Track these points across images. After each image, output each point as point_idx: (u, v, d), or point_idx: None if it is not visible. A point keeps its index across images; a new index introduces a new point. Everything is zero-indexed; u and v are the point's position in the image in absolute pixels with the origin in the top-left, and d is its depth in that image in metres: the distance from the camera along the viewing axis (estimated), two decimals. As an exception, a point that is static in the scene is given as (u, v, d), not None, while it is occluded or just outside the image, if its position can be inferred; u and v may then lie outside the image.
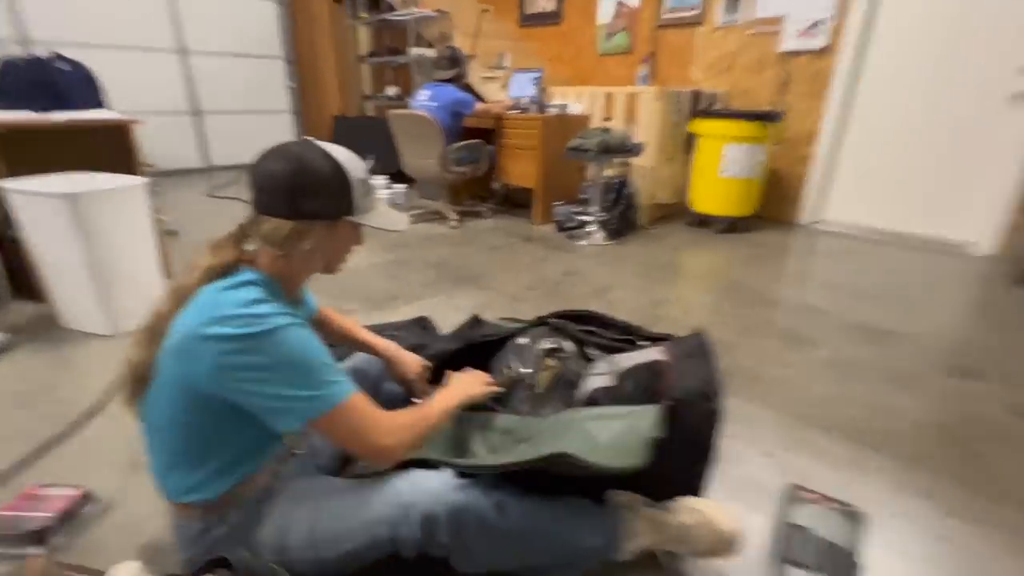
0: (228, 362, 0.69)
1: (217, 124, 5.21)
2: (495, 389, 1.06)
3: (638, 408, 0.97)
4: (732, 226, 3.35)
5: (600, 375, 1.09)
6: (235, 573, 0.64)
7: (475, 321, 1.47)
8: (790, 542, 0.90)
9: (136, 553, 0.99)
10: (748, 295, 2.32)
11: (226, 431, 0.77)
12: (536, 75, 3.48)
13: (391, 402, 1.21)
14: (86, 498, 1.06)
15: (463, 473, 0.85)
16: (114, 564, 0.90)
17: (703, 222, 3.46)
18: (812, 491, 0.95)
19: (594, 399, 1.04)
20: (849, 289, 2.41)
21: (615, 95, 3.49)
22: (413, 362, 1.15)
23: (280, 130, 5.65)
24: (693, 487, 0.99)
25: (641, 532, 0.86)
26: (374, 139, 4.33)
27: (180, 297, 0.75)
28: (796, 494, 0.94)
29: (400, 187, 3.92)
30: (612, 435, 0.89)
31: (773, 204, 3.62)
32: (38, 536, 0.97)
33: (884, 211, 3.32)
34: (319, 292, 1.14)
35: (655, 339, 1.22)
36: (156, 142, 4.43)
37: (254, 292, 0.73)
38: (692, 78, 3.77)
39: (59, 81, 2.54)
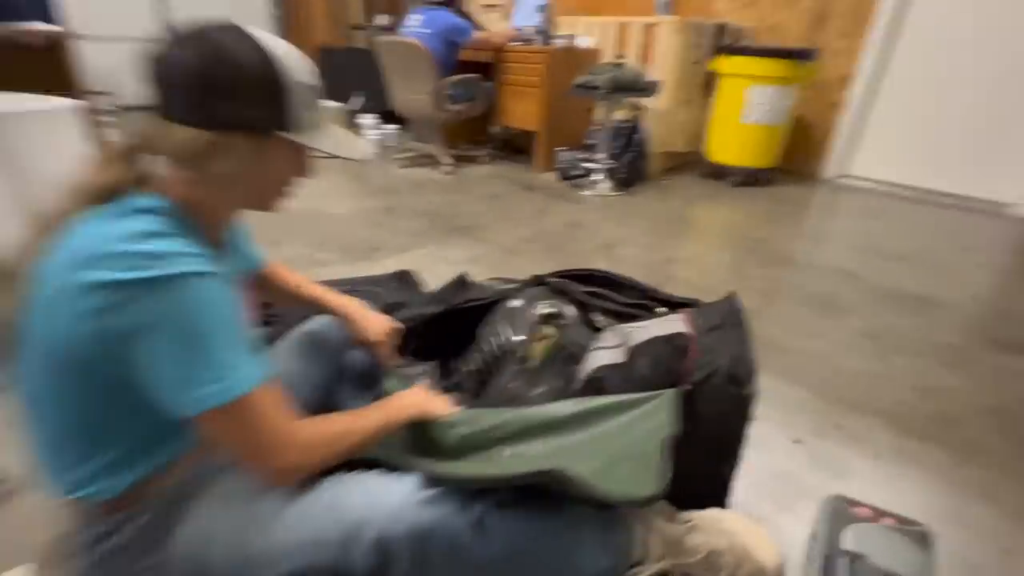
0: (107, 320, 0.49)
1: (194, 55, 4.77)
2: (455, 408, 0.82)
3: (655, 396, 0.77)
4: (751, 178, 3.07)
5: (607, 349, 0.89)
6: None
7: (461, 282, 1.25)
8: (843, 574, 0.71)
9: (36, 553, 0.82)
10: (770, 255, 2.09)
11: (122, 411, 0.57)
12: (542, 2, 3.09)
13: (360, 375, 1.02)
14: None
15: (433, 479, 0.66)
16: (6, 570, 0.74)
17: (718, 174, 3.17)
18: (863, 504, 0.76)
19: (599, 379, 0.84)
20: (880, 250, 2.18)
21: (630, 26, 3.12)
22: (378, 322, 0.94)
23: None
24: (719, 491, 0.81)
25: (657, 554, 0.68)
26: (363, 74, 3.95)
27: (48, 231, 0.54)
28: (843, 509, 0.76)
29: (391, 128, 3.60)
30: (627, 442, 0.70)
31: (796, 155, 3.32)
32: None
33: (918, 167, 3.03)
34: (284, 237, 0.91)
35: (676, 305, 1.01)
36: (125, 73, 4.07)
37: (150, 223, 0.52)
38: (716, 9, 3.37)
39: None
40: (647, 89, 2.63)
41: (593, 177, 2.85)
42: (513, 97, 3.12)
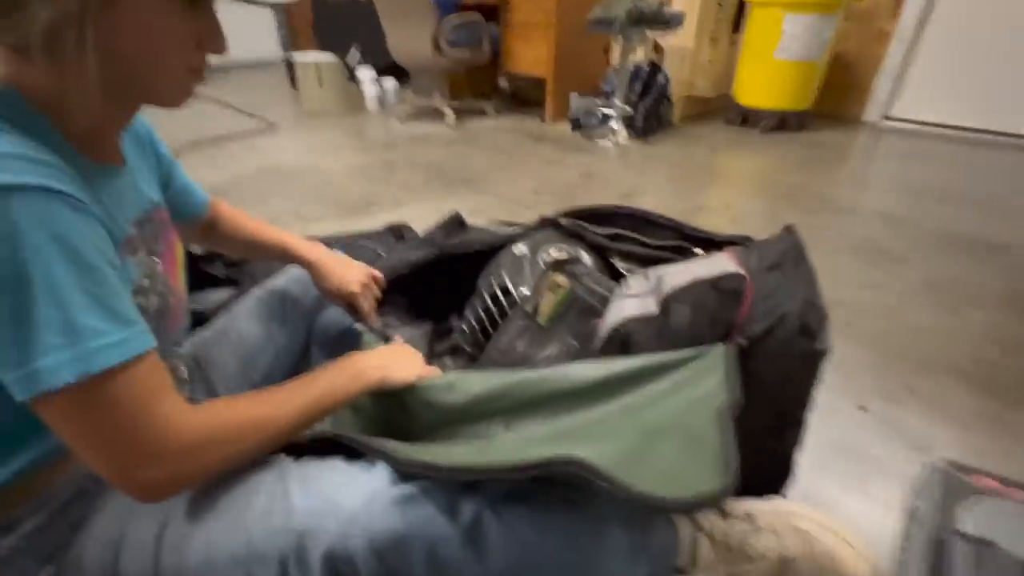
0: None
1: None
2: (433, 372, 0.65)
3: (701, 354, 0.59)
4: (782, 123, 2.79)
5: (635, 297, 0.71)
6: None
7: (455, 223, 1.07)
8: (969, 569, 0.53)
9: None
10: (809, 201, 1.86)
11: None
12: (550, -71, 2.78)
13: (335, 340, 0.85)
14: None
15: (407, 470, 0.49)
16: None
17: (748, 119, 2.89)
18: (985, 473, 0.58)
19: (625, 335, 0.66)
20: (934, 194, 1.93)
21: (649, -46, 2.79)
22: (352, 271, 0.77)
23: (260, 20, 4.95)
24: (781, 472, 0.64)
25: (708, 560, 0.51)
26: (360, 26, 3.68)
27: None
28: (955, 478, 0.57)
29: (389, 81, 3.36)
30: (668, 414, 0.52)
31: (834, 96, 3.01)
32: None
33: (972, 105, 2.71)
34: (271, 192, 0.73)
35: (721, 245, 0.82)
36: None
37: None
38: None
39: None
40: (670, 22, 2.35)
41: (610, 125, 2.60)
42: (520, 40, 2.85)
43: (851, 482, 0.77)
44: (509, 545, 0.47)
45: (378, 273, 0.80)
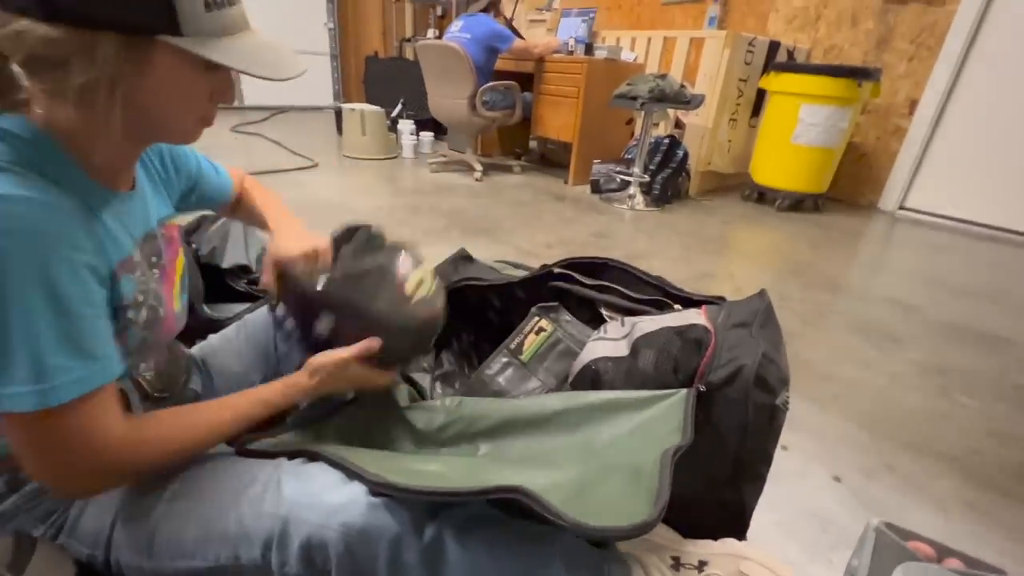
0: None
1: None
2: (390, 379, 0.71)
3: (664, 396, 0.63)
4: (798, 203, 2.87)
5: (609, 340, 0.75)
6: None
7: (462, 258, 1.15)
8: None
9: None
10: (816, 279, 1.89)
11: None
12: (588, 14, 3.06)
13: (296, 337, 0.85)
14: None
15: (378, 487, 0.53)
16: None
17: (764, 197, 2.99)
18: (922, 538, 0.58)
19: (595, 372, 0.71)
20: (946, 285, 1.94)
21: (676, 41, 3.03)
22: (297, 239, 0.73)
23: (319, 73, 5.43)
24: (735, 521, 0.65)
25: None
26: (405, 82, 4.02)
27: None
28: (893, 541, 0.58)
29: (427, 134, 3.61)
30: (623, 450, 0.56)
31: (849, 183, 3.10)
32: None
33: (988, 202, 2.75)
34: (305, 223, 0.77)
35: (699, 304, 0.87)
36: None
37: None
38: (770, 30, 3.24)
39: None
40: (690, 101, 2.51)
41: (628, 191, 2.72)
42: (551, 107, 3.06)
43: (816, 548, 0.76)
44: (464, 566, 0.51)
45: (323, 244, 0.73)
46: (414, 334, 0.69)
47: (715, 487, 0.65)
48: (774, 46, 2.90)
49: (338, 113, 3.89)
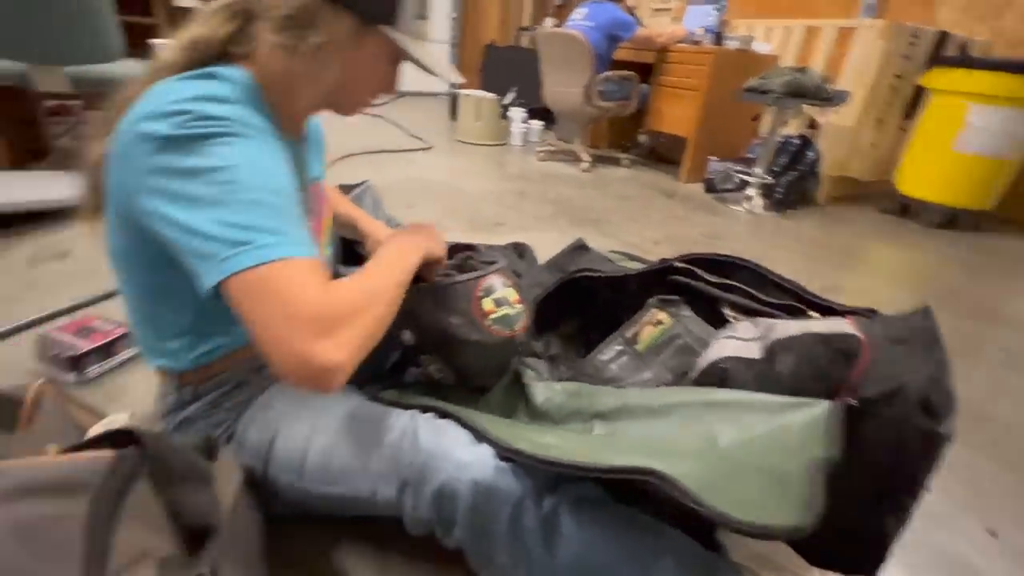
0: (154, 174, 0.46)
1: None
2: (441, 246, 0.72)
3: (804, 404, 0.59)
4: (951, 220, 2.50)
5: (739, 340, 0.72)
6: (141, 453, 0.44)
7: (579, 247, 1.15)
8: None
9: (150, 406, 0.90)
10: (969, 307, 1.65)
11: (177, 282, 0.54)
12: (719, 2, 2.88)
13: None
14: (124, 338, 1.00)
15: (506, 452, 0.57)
16: (117, 411, 0.82)
17: (908, 210, 2.64)
18: None
19: (723, 370, 0.67)
20: None
21: (820, 31, 2.75)
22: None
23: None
24: (874, 553, 0.60)
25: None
26: (520, 71, 4.06)
27: (149, 81, 0.53)
28: None
29: (536, 122, 3.63)
30: (758, 452, 0.53)
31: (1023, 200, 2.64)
32: (73, 363, 0.93)
33: None
34: (419, 201, 0.87)
35: (843, 314, 0.79)
36: None
37: (218, 88, 0.49)
38: (939, 18, 2.83)
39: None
40: (832, 98, 2.28)
41: (747, 192, 2.55)
42: (668, 100, 2.94)
43: (962, 605, 0.67)
44: (578, 542, 0.52)
45: None
46: (485, 351, 0.70)
47: (852, 513, 0.60)
48: (942, 38, 2.53)
49: (454, 99, 4.04)
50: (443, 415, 0.63)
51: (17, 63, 1.64)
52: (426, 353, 0.73)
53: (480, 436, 0.59)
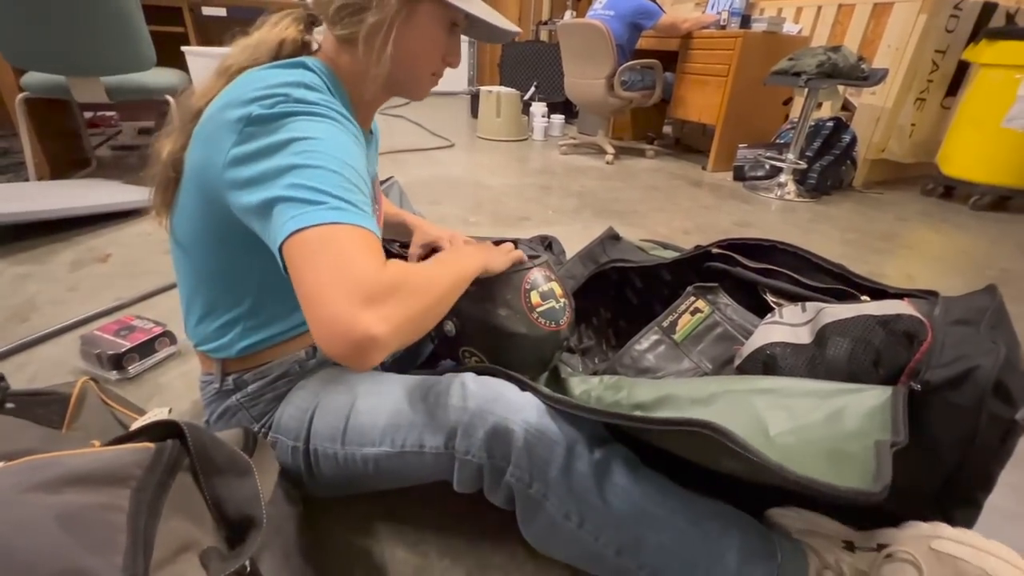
0: (241, 147, 0.48)
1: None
2: (517, 256, 0.73)
3: (853, 388, 0.55)
4: (1001, 201, 2.37)
5: (783, 325, 0.68)
6: (182, 444, 0.44)
7: (610, 237, 1.12)
8: None
9: (188, 402, 0.92)
10: (1027, 290, 1.55)
11: (243, 265, 0.58)
12: (745, -17, 2.79)
13: None
14: (164, 337, 1.02)
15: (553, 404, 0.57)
16: (157, 407, 0.83)
17: (953, 192, 2.51)
18: None
19: (770, 356, 0.64)
20: None
21: (853, 9, 2.63)
22: (439, 229, 0.87)
23: (455, 60, 5.67)
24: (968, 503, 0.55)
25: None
26: (539, 65, 4.04)
27: (226, 77, 0.57)
28: None
29: (557, 116, 3.60)
30: (819, 433, 0.50)
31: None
32: (115, 360, 0.95)
33: None
34: (444, 198, 0.89)
35: (901, 296, 0.75)
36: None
37: (305, 76, 0.52)
38: (983, -10, 2.67)
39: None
40: (868, 77, 2.18)
41: (779, 179, 2.46)
42: (694, 87, 2.86)
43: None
44: (633, 493, 0.52)
45: (465, 237, 0.85)
46: (530, 344, 0.69)
47: (917, 505, 0.56)
48: (989, 8, 2.39)
49: (474, 97, 4.03)
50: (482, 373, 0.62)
51: (57, 76, 1.71)
52: (466, 345, 0.72)
53: (526, 386, 0.59)
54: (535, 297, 0.70)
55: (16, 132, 1.87)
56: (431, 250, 0.85)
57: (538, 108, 3.55)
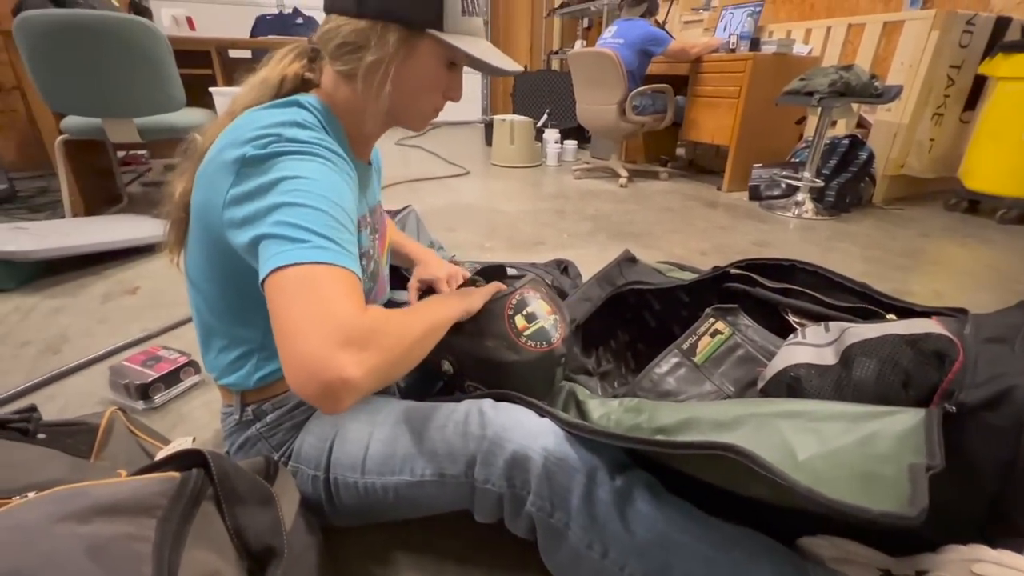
0: (235, 189, 0.49)
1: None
2: (493, 288, 0.72)
3: (883, 411, 0.53)
4: (1029, 215, 2.31)
5: (807, 346, 0.67)
6: (206, 474, 0.45)
7: (626, 260, 1.12)
8: None
9: (211, 432, 0.93)
10: (1064, 305, 1.49)
11: (252, 299, 0.56)
12: (754, 8, 2.83)
13: None
14: (189, 366, 1.04)
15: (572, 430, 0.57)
16: (181, 436, 0.84)
17: (977, 207, 2.46)
18: None
19: (794, 380, 0.63)
20: None
21: (863, 28, 2.65)
22: (442, 268, 0.85)
23: (470, 89, 5.84)
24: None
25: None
26: (551, 93, 4.13)
27: (231, 116, 0.58)
28: None
29: (570, 142, 3.65)
30: (826, 448, 0.48)
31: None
32: (141, 390, 0.97)
33: None
34: (459, 225, 0.90)
35: (929, 315, 0.73)
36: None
37: (298, 115, 0.54)
38: (996, 5, 2.67)
39: (295, 35, 2.87)
40: (882, 94, 2.17)
41: (795, 197, 2.44)
42: (705, 110, 2.88)
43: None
44: (656, 519, 0.51)
45: (465, 273, 0.86)
46: (526, 369, 0.69)
47: (957, 533, 0.53)
48: (1003, 22, 2.38)
49: (488, 125, 4.13)
50: (500, 399, 0.62)
51: (94, 119, 1.80)
52: (468, 380, 0.72)
53: (544, 411, 0.58)
54: (520, 321, 0.70)
55: (55, 172, 1.97)
56: (428, 288, 0.84)
57: (551, 134, 3.61)
